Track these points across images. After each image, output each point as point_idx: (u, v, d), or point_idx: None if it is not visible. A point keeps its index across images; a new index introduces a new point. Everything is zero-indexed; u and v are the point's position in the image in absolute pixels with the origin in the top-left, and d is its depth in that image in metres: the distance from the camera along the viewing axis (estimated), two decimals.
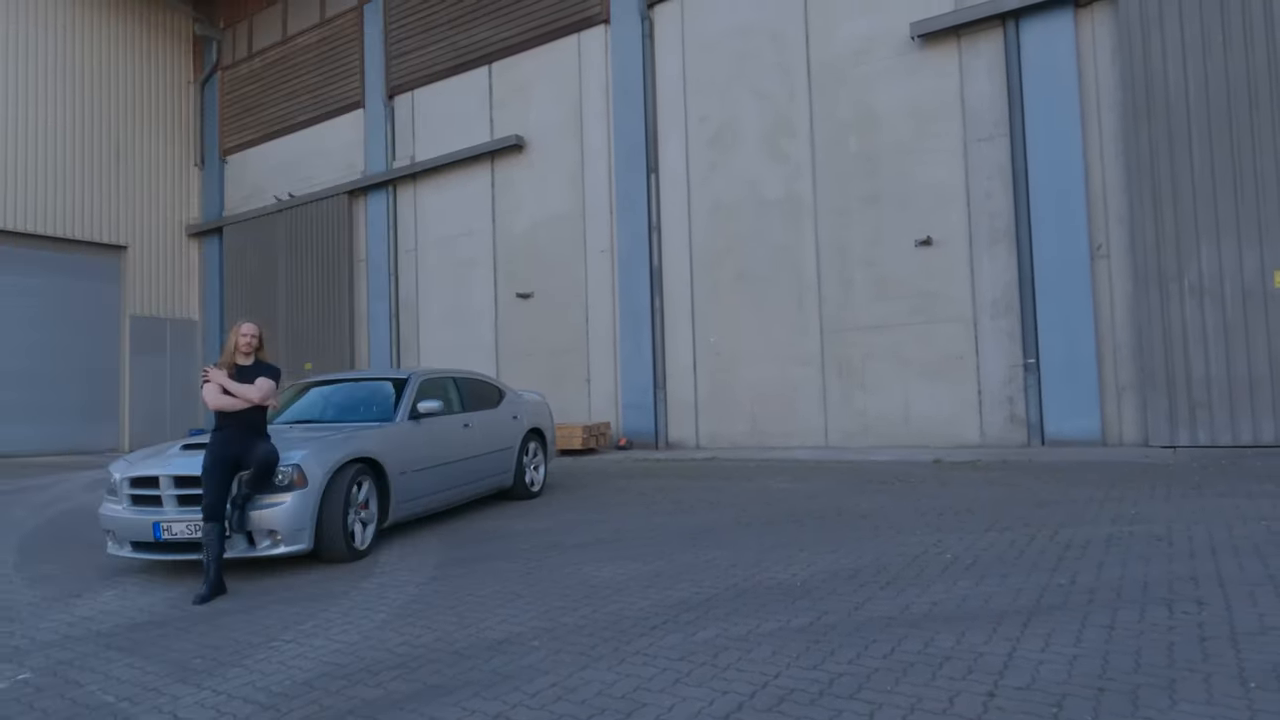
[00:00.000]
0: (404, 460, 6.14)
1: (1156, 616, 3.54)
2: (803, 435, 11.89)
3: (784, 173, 12.17)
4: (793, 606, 3.98)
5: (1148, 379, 9.52)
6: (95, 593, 5.08)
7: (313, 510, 5.23)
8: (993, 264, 10.57)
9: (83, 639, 4.11)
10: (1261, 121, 9.05)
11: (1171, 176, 9.45)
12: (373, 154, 17.24)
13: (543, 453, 8.48)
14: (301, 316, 18.29)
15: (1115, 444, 9.83)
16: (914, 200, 11.10)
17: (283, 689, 3.26)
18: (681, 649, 3.46)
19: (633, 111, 13.45)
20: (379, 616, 4.22)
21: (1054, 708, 2.69)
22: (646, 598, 4.29)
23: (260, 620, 4.27)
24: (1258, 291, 9.03)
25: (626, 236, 13.47)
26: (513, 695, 3.06)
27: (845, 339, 11.60)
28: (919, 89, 11.11)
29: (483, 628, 3.92)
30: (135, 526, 5.23)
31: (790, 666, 3.19)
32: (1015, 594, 3.98)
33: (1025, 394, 10.29)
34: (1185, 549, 4.69)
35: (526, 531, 6.43)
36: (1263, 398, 8.92)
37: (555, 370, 14.16)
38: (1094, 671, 2.97)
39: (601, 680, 3.16)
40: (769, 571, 4.70)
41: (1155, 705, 2.66)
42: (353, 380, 7.22)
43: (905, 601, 3.96)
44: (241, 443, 5.06)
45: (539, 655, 3.49)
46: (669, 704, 2.90)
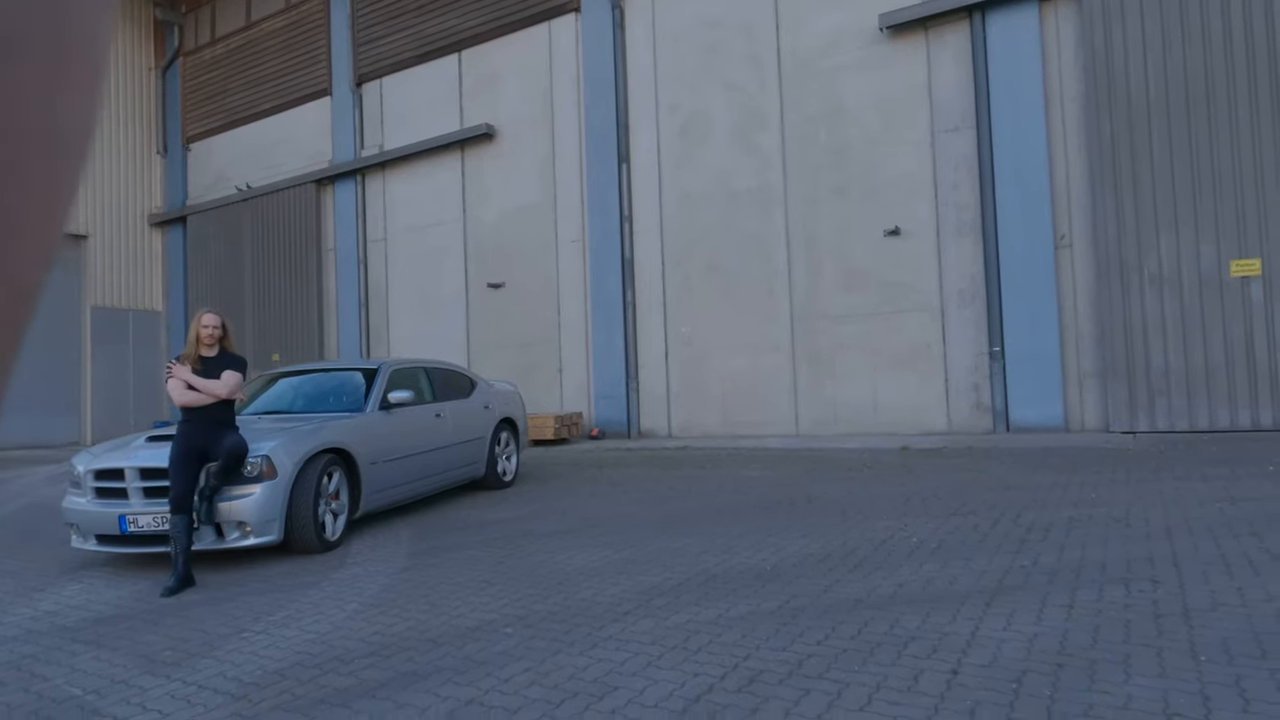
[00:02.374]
0: (375, 451, 6.11)
1: (1114, 595, 3.65)
2: (773, 424, 11.99)
3: (755, 164, 12.22)
4: (762, 590, 4.04)
5: (1109, 367, 9.73)
6: (59, 587, 5.01)
7: (282, 501, 5.19)
8: (959, 254, 10.72)
9: (47, 633, 4.05)
10: (1218, 115, 9.26)
11: (1132, 169, 9.64)
12: (340, 142, 17.01)
13: (515, 443, 8.47)
14: (268, 307, 18.04)
15: (1078, 430, 10.04)
16: (883, 191, 11.21)
17: (254, 679, 3.25)
18: (653, 634, 3.51)
19: (604, 101, 13.42)
20: (351, 606, 4.21)
21: (1014, 684, 2.77)
22: (618, 584, 4.33)
23: (230, 612, 4.24)
24: (1214, 281, 9.26)
25: (598, 227, 13.46)
26: (486, 681, 3.09)
27: (815, 329, 11.70)
28: (888, 81, 11.21)
29: (455, 616, 3.94)
30: (100, 519, 5.16)
31: (760, 648, 3.24)
32: (979, 576, 4.08)
33: (991, 382, 10.47)
34: (1142, 531, 4.82)
35: (498, 521, 6.43)
36: (1218, 385, 9.16)
37: (527, 361, 14.12)
38: (1053, 649, 3.06)
39: (574, 665, 3.19)
40: (739, 557, 4.76)
41: (1111, 679, 2.75)
42: (322, 370, 7.16)
43: (872, 584, 4.04)
44: (209, 434, 5.01)
45: (512, 642, 3.51)
46: (641, 686, 2.94)
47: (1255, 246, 9.10)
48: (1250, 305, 9.11)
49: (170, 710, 2.99)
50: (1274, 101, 9.04)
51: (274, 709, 2.94)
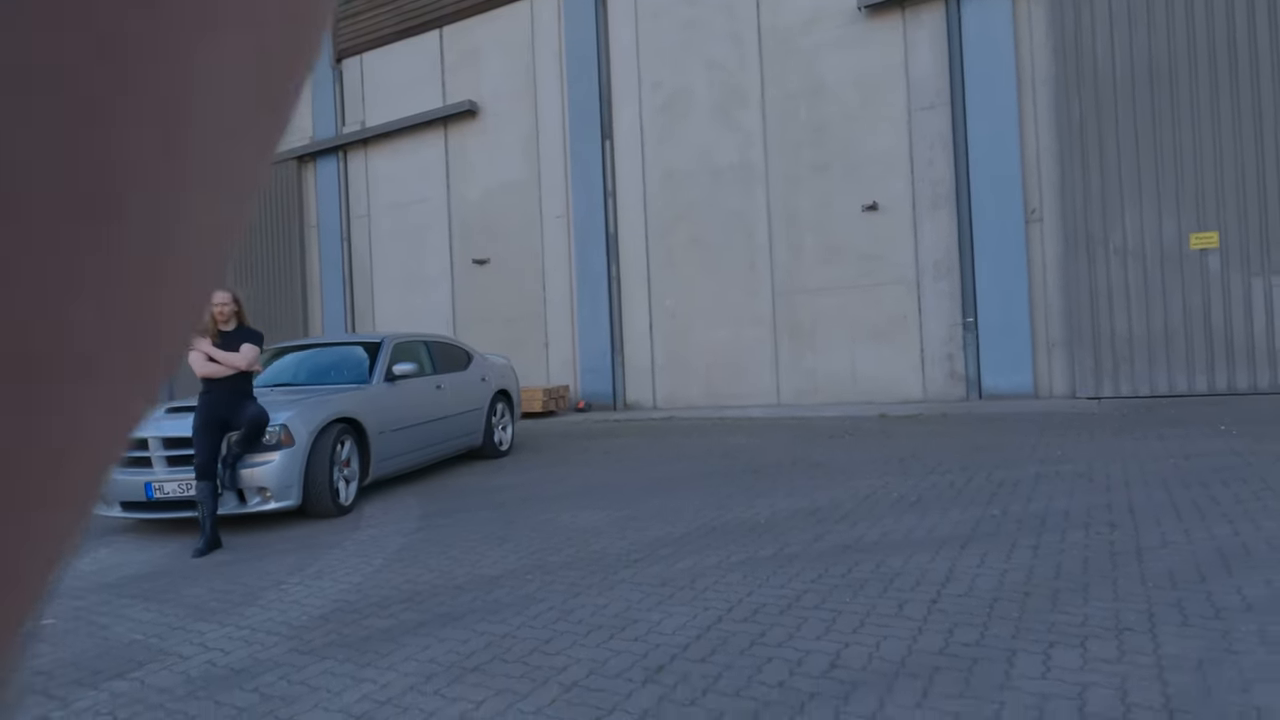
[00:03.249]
0: (382, 420, 6.39)
1: (1075, 538, 4.05)
2: (756, 395, 12.38)
3: (736, 140, 12.49)
4: (758, 540, 4.41)
5: (1075, 335, 10.20)
6: (90, 551, 5.27)
7: (300, 468, 5.47)
8: (934, 228, 11.10)
9: (93, 590, 4.33)
10: (1179, 96, 9.67)
11: (1099, 146, 10.05)
12: (321, 118, 17.01)
13: (510, 414, 8.77)
14: (251, 284, 18.06)
15: (1046, 396, 10.52)
16: (861, 167, 11.54)
17: (301, 623, 3.56)
18: (662, 577, 3.86)
19: (586, 78, 13.59)
20: (376, 561, 4.52)
21: (987, 609, 3.15)
22: (624, 538, 4.68)
23: (262, 568, 4.54)
24: (1174, 254, 9.73)
25: (582, 203, 13.68)
26: (515, 619, 3.42)
27: (796, 301, 12.07)
28: (865, 59, 11.50)
29: (476, 567, 4.26)
30: (126, 487, 5.41)
31: (761, 587, 3.60)
32: (955, 524, 4.47)
33: (964, 351, 10.91)
34: (1103, 484, 5.25)
35: (500, 486, 6.75)
36: (1177, 351, 9.66)
37: (513, 335, 14.36)
38: (1020, 581, 3.45)
39: (594, 604, 3.54)
40: (734, 513, 5.12)
41: (1071, 604, 3.15)
42: (327, 345, 7.40)
43: (858, 533, 4.42)
44: (229, 405, 5.26)
45: (534, 587, 3.84)
46: (657, 619, 3.29)
47: (1213, 220, 9.56)
48: (1208, 276, 9.59)
49: (231, 649, 3.30)
50: (1230, 83, 9.46)
51: (327, 645, 3.25)
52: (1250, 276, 9.41)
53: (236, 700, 2.79)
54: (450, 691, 2.73)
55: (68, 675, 3.13)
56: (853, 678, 2.63)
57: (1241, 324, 9.43)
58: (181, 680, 3.00)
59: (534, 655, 3.01)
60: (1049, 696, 2.41)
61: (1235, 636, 2.75)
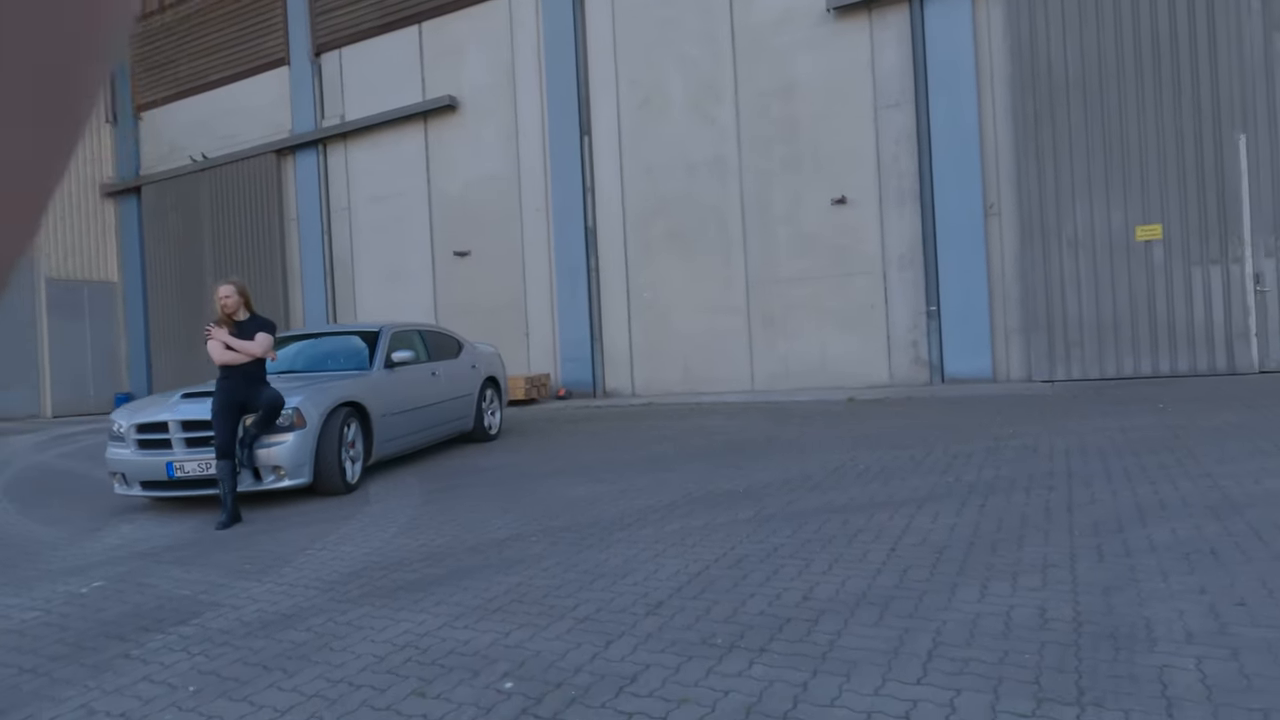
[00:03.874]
0: (383, 405, 6.79)
1: (1017, 499, 4.59)
2: (731, 380, 12.89)
3: (710, 136, 12.95)
4: (738, 505, 4.90)
5: (1031, 322, 10.82)
6: (113, 527, 5.63)
7: (311, 448, 5.86)
8: (900, 221, 11.66)
9: (129, 558, 4.71)
10: (1127, 94, 10.30)
11: (1053, 142, 10.65)
12: (300, 112, 17.19)
13: (498, 399, 9.19)
14: (230, 276, 18.19)
15: (1004, 380, 11.15)
16: (830, 162, 12.07)
17: (334, 579, 3.99)
18: (654, 536, 4.33)
19: (565, 75, 13.96)
20: (391, 530, 4.95)
21: (937, 554, 3.66)
22: (617, 506, 5.14)
23: (285, 538, 4.94)
24: (1122, 245, 10.37)
25: (561, 196, 14.07)
26: (527, 571, 3.88)
27: (769, 291, 12.58)
28: (834, 59, 12.01)
29: (485, 532, 4.71)
30: (147, 467, 5.77)
31: (743, 542, 4.09)
32: (913, 490, 4.99)
33: (928, 338, 11.50)
34: (1047, 455, 5.81)
35: (495, 466, 7.19)
36: (1124, 337, 10.32)
37: (494, 325, 14.72)
38: (968, 533, 3.97)
39: (596, 559, 4.00)
40: (715, 484, 5.61)
41: (1008, 549, 3.67)
42: (330, 334, 7.76)
43: (828, 499, 4.93)
44: (245, 389, 5.64)
45: (540, 547, 4.30)
46: (653, 569, 3.76)
47: (1157, 213, 10.21)
48: (1152, 266, 10.25)
49: (275, 599, 3.72)
50: (1173, 84, 10.10)
51: (363, 595, 3.69)
52: (1190, 266, 10.08)
53: (292, 638, 3.22)
54: (479, 626, 3.19)
55: (132, 624, 3.54)
56: (822, 607, 3.12)
57: (1183, 311, 10.10)
58: (238, 624, 3.43)
59: (548, 598, 3.47)
60: (982, 615, 2.92)
61: (1139, 570, 3.28)
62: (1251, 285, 9.84)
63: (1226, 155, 9.94)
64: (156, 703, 2.72)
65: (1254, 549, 3.43)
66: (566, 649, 2.89)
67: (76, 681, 2.96)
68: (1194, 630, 2.66)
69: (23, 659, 3.23)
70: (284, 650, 3.09)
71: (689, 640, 2.89)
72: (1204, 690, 2.27)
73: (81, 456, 9.97)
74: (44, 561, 4.79)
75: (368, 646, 3.06)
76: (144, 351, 19.83)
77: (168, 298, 19.36)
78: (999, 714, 2.22)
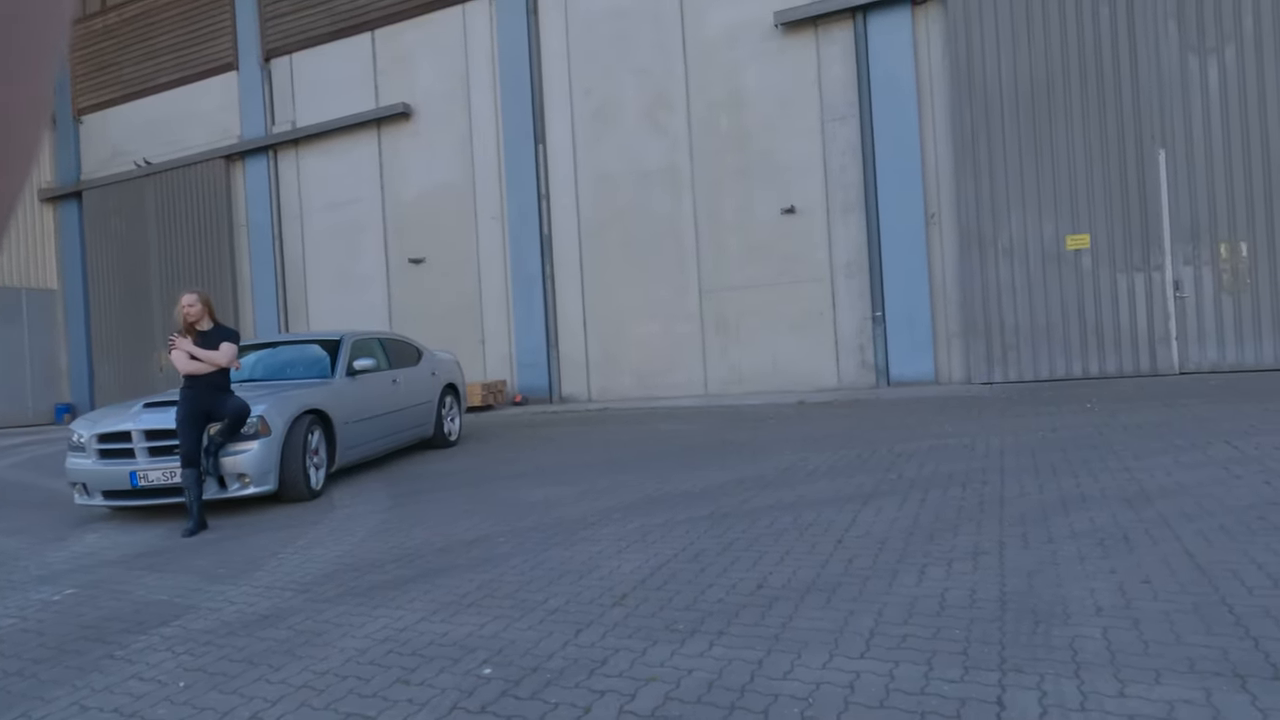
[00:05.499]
0: (346, 412, 6.89)
1: (954, 493, 4.93)
2: (685, 386, 13.18)
3: (663, 146, 13.24)
4: (696, 504, 5.15)
5: (970, 327, 11.33)
6: (77, 537, 5.64)
7: (276, 455, 5.95)
8: (846, 230, 12.09)
9: (99, 566, 4.76)
10: (1056, 109, 10.87)
11: (989, 154, 11.18)
12: (249, 118, 17.03)
13: (457, 406, 9.32)
14: (178, 284, 17.88)
15: (946, 382, 11.64)
16: (779, 173, 12.45)
17: (309, 580, 4.13)
18: (616, 535, 4.56)
19: (519, 84, 14.12)
20: (359, 534, 5.08)
21: (879, 544, 3.96)
22: (580, 507, 5.35)
23: (255, 543, 5.04)
24: (1054, 253, 10.93)
25: (516, 204, 14.22)
26: (496, 569, 4.07)
27: (721, 299, 12.91)
28: (782, 72, 12.41)
29: (453, 534, 4.88)
30: (109, 477, 5.79)
31: (700, 538, 4.34)
32: (858, 487, 5.31)
33: (874, 343, 11.94)
34: (983, 452, 6.19)
35: (457, 470, 7.33)
36: (1056, 340, 10.88)
37: (450, 332, 14.78)
38: (908, 525, 4.28)
39: (562, 556, 4.21)
40: (673, 485, 5.86)
41: (944, 539, 3.98)
42: (290, 343, 7.81)
43: (779, 496, 5.21)
44: (210, 398, 5.71)
45: (508, 546, 4.49)
46: (616, 564, 3.99)
47: (1085, 223, 10.80)
48: (1081, 273, 10.82)
49: (253, 601, 3.85)
50: (1098, 100, 10.70)
51: (339, 595, 3.84)
52: (1116, 274, 10.67)
53: (274, 635, 3.37)
54: (455, 620, 3.38)
55: (112, 627, 3.64)
56: (774, 594, 3.39)
57: (1110, 316, 10.69)
58: (219, 624, 3.55)
59: (519, 592, 3.67)
60: (919, 597, 3.21)
61: (1059, 555, 3.62)
62: (1171, 291, 10.47)
63: (1148, 169, 10.56)
64: (148, 698, 2.85)
65: (1162, 535, 3.79)
66: (540, 638, 3.10)
67: (64, 682, 3.07)
68: (1103, 605, 2.99)
69: (5, 663, 3.31)
70: (267, 647, 3.24)
71: (653, 627, 3.13)
72: (1109, 655, 2.58)
73: (30, 468, 9.81)
74: (10, 571, 4.82)
75: (349, 641, 3.23)
76: (86, 361, 19.36)
77: (111, 306, 18.95)
78: (931, 682, 2.50)
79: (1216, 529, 3.78)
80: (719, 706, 2.45)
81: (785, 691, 2.51)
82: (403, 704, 2.63)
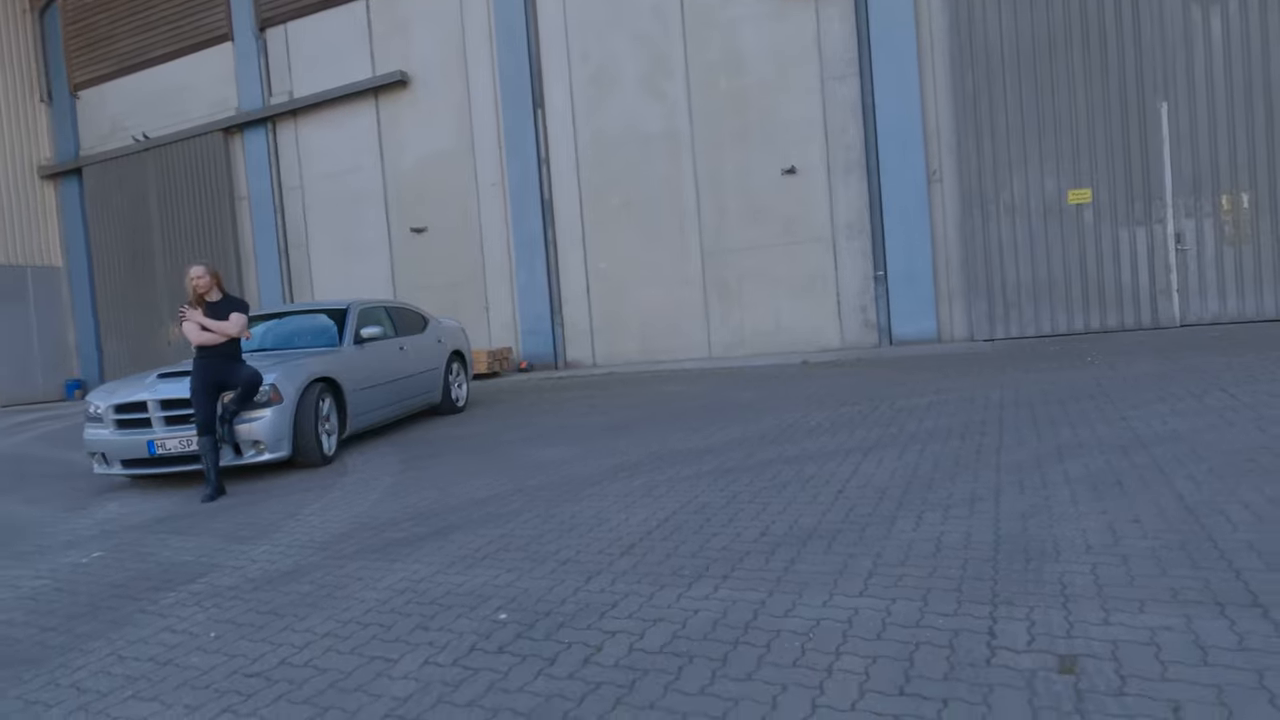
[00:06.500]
0: (355, 379, 7.00)
1: (953, 445, 5.04)
2: (688, 349, 13.27)
3: (662, 109, 13.19)
4: (700, 460, 5.27)
5: (972, 285, 11.37)
6: (99, 505, 5.80)
7: (289, 422, 6.08)
8: (847, 190, 12.09)
9: (123, 531, 4.91)
10: (1059, 67, 10.80)
11: (990, 113, 11.13)
12: (246, 89, 16.94)
13: (464, 372, 9.43)
14: (182, 257, 17.95)
15: (948, 340, 11.70)
16: (779, 134, 12.41)
17: (327, 539, 4.27)
18: (623, 490, 4.68)
19: (516, 50, 14.03)
20: (374, 496, 5.22)
21: (879, 494, 4.08)
22: (586, 466, 5.48)
23: (273, 507, 5.18)
24: (1055, 209, 10.93)
25: (516, 170, 14.20)
26: (508, 525, 4.20)
27: (722, 261, 12.95)
28: (781, 32, 12.31)
29: (465, 493, 5.01)
30: (127, 446, 5.93)
31: (705, 491, 4.47)
32: (860, 440, 5.42)
33: (876, 303, 12.00)
34: (982, 405, 6.29)
35: (465, 435, 7.46)
36: (1057, 296, 10.92)
37: (454, 300, 14.86)
38: (907, 474, 4.40)
39: (571, 511, 4.34)
40: (678, 443, 5.98)
41: (944, 487, 4.10)
42: (298, 312, 7.91)
43: (782, 451, 5.33)
44: (222, 368, 5.82)
45: (518, 503, 4.62)
46: (625, 517, 4.12)
47: (1087, 178, 10.78)
48: (1083, 228, 10.83)
49: (274, 559, 3.99)
50: (1100, 54, 10.62)
51: (357, 552, 3.98)
52: (1118, 228, 10.69)
53: (297, 590, 3.51)
54: (470, 572, 3.51)
55: (141, 586, 3.78)
56: (777, 541, 3.51)
57: (1111, 270, 10.73)
58: (244, 580, 3.70)
59: (530, 546, 3.80)
60: (916, 541, 3.34)
61: (1053, 499, 3.73)
62: (1173, 245, 10.48)
63: (1150, 122, 10.52)
64: (181, 648, 3.00)
65: (1154, 479, 3.90)
66: (552, 585, 3.24)
67: (100, 635, 3.21)
68: (1093, 544, 3.11)
69: (42, 620, 3.46)
70: (291, 600, 3.38)
71: (660, 573, 3.26)
72: (1096, 588, 2.70)
73: (45, 442, 9.98)
74: (37, 538, 4.97)
75: (369, 593, 3.37)
76: (93, 337, 19.51)
77: (116, 281, 19.05)
78: (926, 615, 2.63)
79: (1207, 472, 3.89)
80: (724, 643, 2.58)
81: (787, 628, 2.63)
82: (423, 647, 2.77)
